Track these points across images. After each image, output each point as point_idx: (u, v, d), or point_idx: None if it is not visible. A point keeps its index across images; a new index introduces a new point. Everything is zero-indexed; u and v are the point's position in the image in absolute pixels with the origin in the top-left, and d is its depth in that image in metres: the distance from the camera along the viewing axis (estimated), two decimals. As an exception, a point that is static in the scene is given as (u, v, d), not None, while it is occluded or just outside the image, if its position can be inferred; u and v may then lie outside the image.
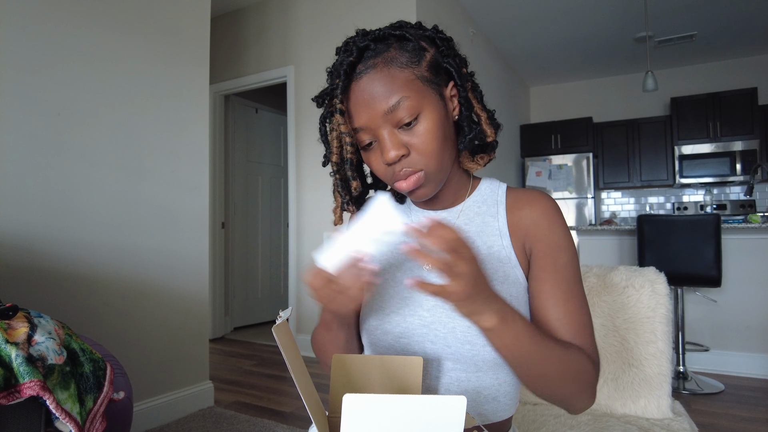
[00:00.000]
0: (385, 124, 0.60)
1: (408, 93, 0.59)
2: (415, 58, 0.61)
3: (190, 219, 2.24)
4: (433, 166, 0.62)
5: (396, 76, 0.60)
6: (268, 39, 3.69)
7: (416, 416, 0.37)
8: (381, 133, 0.61)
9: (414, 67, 0.61)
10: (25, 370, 0.83)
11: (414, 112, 0.60)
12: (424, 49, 0.62)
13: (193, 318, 2.24)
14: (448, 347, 0.63)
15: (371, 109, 0.60)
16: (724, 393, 2.51)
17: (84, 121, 1.83)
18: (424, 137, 0.60)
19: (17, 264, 1.60)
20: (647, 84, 3.77)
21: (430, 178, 0.63)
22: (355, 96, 0.61)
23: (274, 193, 4.70)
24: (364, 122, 0.61)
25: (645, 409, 1.04)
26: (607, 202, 5.69)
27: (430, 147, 0.61)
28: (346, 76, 0.61)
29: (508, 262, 0.66)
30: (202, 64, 2.34)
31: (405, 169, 0.62)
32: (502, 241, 0.67)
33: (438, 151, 0.61)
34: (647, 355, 1.05)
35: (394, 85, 0.59)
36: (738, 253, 2.80)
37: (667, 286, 1.07)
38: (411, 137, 0.61)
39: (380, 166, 0.64)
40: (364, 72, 0.61)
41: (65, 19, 1.76)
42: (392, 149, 0.60)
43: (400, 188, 0.63)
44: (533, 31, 4.39)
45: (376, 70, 0.60)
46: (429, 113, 0.61)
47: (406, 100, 0.59)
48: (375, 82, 0.60)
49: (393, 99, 0.59)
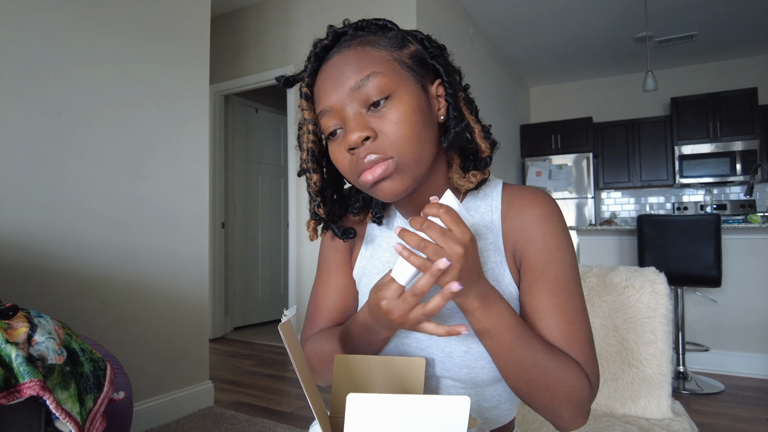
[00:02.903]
0: (352, 102, 0.53)
1: (380, 69, 0.53)
2: (396, 44, 0.57)
3: (190, 219, 2.24)
4: (407, 154, 0.53)
5: (370, 54, 0.54)
6: (268, 39, 3.69)
7: (420, 416, 0.37)
8: (346, 113, 0.54)
9: (393, 50, 0.56)
10: (25, 370, 0.83)
11: (384, 90, 0.53)
12: (407, 40, 0.58)
13: (193, 318, 2.24)
14: (447, 371, 0.61)
15: (338, 85, 0.54)
16: (724, 393, 2.51)
17: (84, 121, 1.83)
18: (395, 121, 0.52)
19: (17, 264, 1.60)
20: (647, 84, 3.77)
21: (402, 168, 0.53)
22: (324, 75, 0.56)
23: (274, 193, 4.70)
24: (329, 103, 0.55)
25: (645, 409, 1.04)
26: (607, 202, 5.69)
27: (402, 131, 0.52)
28: (316, 59, 0.57)
29: (501, 280, 0.61)
30: (202, 64, 2.34)
31: (370, 156, 0.52)
32: (497, 257, 0.61)
33: (412, 138, 0.53)
34: (647, 355, 1.05)
35: (367, 61, 0.54)
36: (738, 253, 2.80)
37: (667, 286, 1.07)
38: (381, 120, 0.53)
39: (344, 157, 0.55)
40: (337, 52, 0.56)
41: (65, 19, 1.76)
42: (356, 130, 0.52)
43: (364, 181, 0.54)
44: (533, 31, 4.39)
45: (349, 50, 0.55)
46: (404, 95, 0.54)
47: (377, 75, 0.53)
48: (346, 59, 0.54)
49: (363, 72, 0.53)
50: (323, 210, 0.63)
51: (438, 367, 0.61)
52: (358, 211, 0.66)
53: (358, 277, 0.71)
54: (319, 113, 0.57)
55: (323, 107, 0.56)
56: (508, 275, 0.61)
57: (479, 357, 0.59)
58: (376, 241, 0.70)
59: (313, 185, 0.61)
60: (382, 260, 0.68)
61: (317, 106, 0.57)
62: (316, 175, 0.61)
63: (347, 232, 0.66)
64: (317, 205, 0.63)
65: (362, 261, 0.70)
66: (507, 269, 0.61)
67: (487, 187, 0.65)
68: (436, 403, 0.37)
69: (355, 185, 0.58)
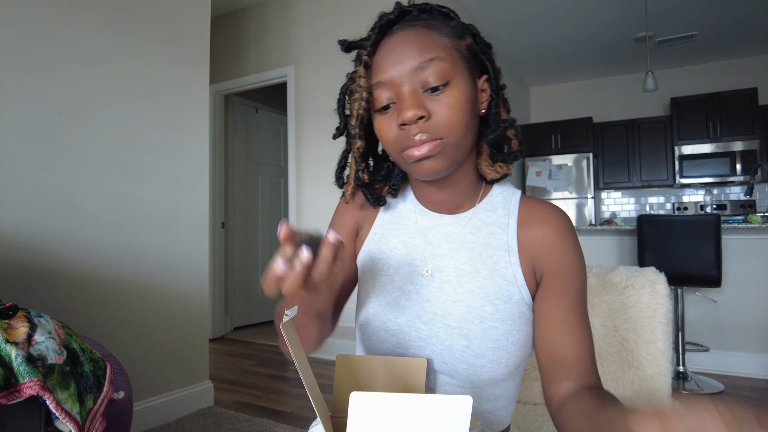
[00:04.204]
0: (411, 80, 0.56)
1: (442, 55, 0.56)
2: (456, 33, 0.59)
3: (190, 219, 2.24)
4: (454, 138, 0.56)
5: (434, 38, 0.56)
6: (268, 39, 3.69)
7: (422, 415, 0.37)
8: (403, 90, 0.56)
9: (453, 39, 0.58)
10: (25, 370, 0.83)
11: (445, 77, 0.55)
12: (465, 32, 0.60)
13: (193, 318, 2.24)
14: (445, 364, 0.61)
15: (399, 62, 0.56)
16: (724, 393, 2.51)
17: (84, 121, 1.83)
18: (449, 105, 0.55)
19: (17, 264, 1.60)
20: (647, 84, 3.77)
21: (447, 151, 0.56)
22: (386, 48, 0.58)
23: (274, 193, 4.70)
24: (387, 76, 0.57)
25: (645, 409, 1.04)
26: (607, 202, 5.69)
27: (453, 117, 0.55)
28: (380, 31, 0.58)
29: (513, 281, 0.61)
30: (202, 64, 2.34)
31: (421, 134, 0.55)
32: (510, 257, 0.62)
33: (460, 124, 0.56)
34: (647, 355, 1.05)
35: (430, 44, 0.56)
36: (738, 253, 2.80)
37: (667, 286, 1.07)
38: (435, 103, 0.55)
39: (392, 130, 0.57)
40: (401, 29, 0.58)
41: (65, 19, 1.76)
42: (412, 107, 0.54)
43: (410, 156, 0.57)
44: (533, 31, 4.39)
45: (414, 30, 0.57)
46: (459, 83, 0.56)
47: (439, 61, 0.55)
48: (410, 38, 0.56)
49: (427, 55, 0.55)
50: (367, 175, 0.65)
51: (436, 359, 0.61)
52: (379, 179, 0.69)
53: (363, 260, 0.70)
54: (374, 84, 0.58)
55: (381, 79, 0.57)
56: (521, 277, 0.62)
57: (479, 355, 0.59)
58: (385, 226, 0.70)
59: (356, 150, 0.63)
60: (390, 245, 0.68)
61: (374, 76, 0.58)
62: (360, 141, 0.62)
63: (380, 199, 0.68)
64: (362, 170, 0.64)
65: (369, 244, 0.70)
66: (521, 271, 0.62)
67: (506, 192, 0.67)
68: (439, 403, 0.37)
69: (394, 158, 0.60)
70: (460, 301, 0.61)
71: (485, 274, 0.62)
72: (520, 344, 0.61)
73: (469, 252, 0.63)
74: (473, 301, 0.61)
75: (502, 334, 0.59)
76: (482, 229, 0.65)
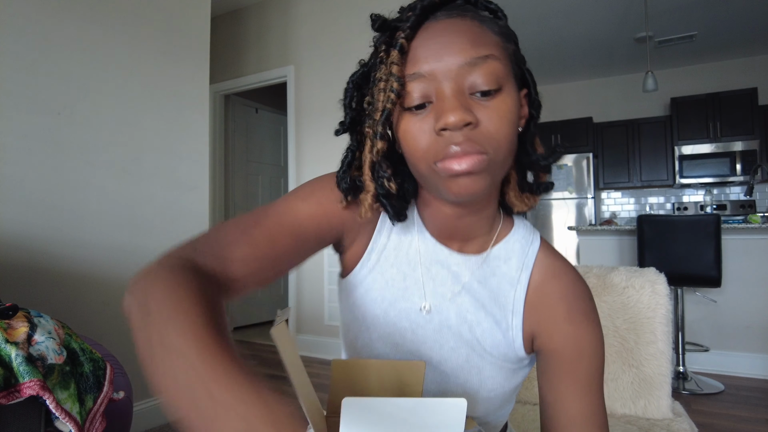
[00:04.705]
0: (457, 79, 0.46)
1: (498, 54, 0.47)
2: (506, 35, 0.50)
3: (190, 219, 2.24)
4: (500, 154, 0.47)
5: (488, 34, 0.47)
6: (268, 39, 3.69)
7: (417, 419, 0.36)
8: (445, 88, 0.46)
9: (504, 41, 0.49)
10: (25, 370, 0.83)
11: (498, 80, 0.46)
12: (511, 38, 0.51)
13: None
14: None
15: (446, 53, 0.46)
16: (724, 393, 2.51)
17: (84, 121, 1.82)
18: (501, 115, 0.46)
19: (17, 264, 1.60)
20: (647, 84, 3.77)
21: (491, 169, 0.47)
22: (429, 34, 0.47)
23: (274, 193, 4.70)
24: (428, 68, 0.46)
25: (645, 410, 1.04)
26: (607, 202, 5.69)
27: (504, 129, 0.46)
28: (422, 12, 0.48)
29: (512, 343, 0.56)
30: (202, 64, 2.34)
31: (466, 145, 0.45)
32: (513, 320, 0.56)
33: (508, 139, 0.47)
34: (647, 355, 1.05)
35: (485, 39, 0.47)
36: (738, 253, 2.80)
37: (667, 286, 1.07)
38: (484, 110, 0.46)
39: (425, 135, 0.47)
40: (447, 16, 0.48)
41: (65, 19, 1.76)
42: (458, 110, 0.44)
43: (446, 169, 0.46)
44: (533, 30, 4.39)
45: (464, 20, 0.47)
46: (511, 91, 0.48)
47: (495, 60, 0.46)
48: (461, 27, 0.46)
49: (481, 51, 0.46)
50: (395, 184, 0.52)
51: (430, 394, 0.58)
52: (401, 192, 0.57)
53: (354, 284, 0.60)
54: (409, 75, 0.47)
55: (418, 70, 0.47)
56: (519, 341, 0.56)
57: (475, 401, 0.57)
58: (383, 252, 0.59)
59: (376, 153, 0.50)
60: (386, 275, 0.58)
61: (409, 66, 0.47)
62: (382, 142, 0.50)
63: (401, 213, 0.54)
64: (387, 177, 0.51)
65: (363, 270, 0.59)
66: (521, 335, 0.56)
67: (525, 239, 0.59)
68: (433, 406, 0.37)
69: (420, 169, 0.49)
70: (458, 350, 0.57)
71: (486, 327, 0.56)
72: (515, 386, 0.59)
73: (474, 301, 0.57)
74: (471, 353, 0.56)
75: (499, 383, 0.57)
76: (491, 280, 0.57)
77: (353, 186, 0.53)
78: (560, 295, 0.55)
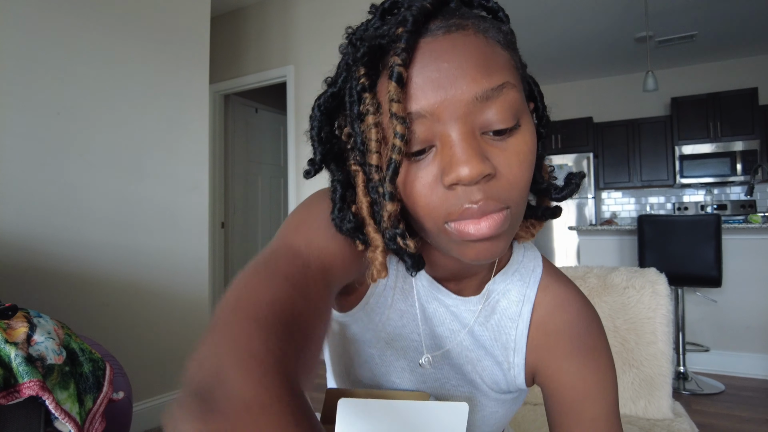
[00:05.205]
0: (467, 118, 0.36)
1: (513, 80, 0.37)
2: (512, 43, 0.41)
3: (189, 219, 2.24)
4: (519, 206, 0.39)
5: (497, 52, 0.37)
6: (268, 39, 3.69)
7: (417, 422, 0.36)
8: (452, 131, 0.36)
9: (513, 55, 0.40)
10: (25, 370, 0.82)
11: (515, 116, 0.37)
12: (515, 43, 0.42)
13: (193, 318, 2.23)
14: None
15: (451, 86, 0.35)
16: (724, 393, 2.51)
17: (84, 120, 1.82)
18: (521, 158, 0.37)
19: (17, 264, 1.60)
20: (647, 84, 3.76)
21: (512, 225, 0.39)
22: (425, 59, 0.36)
23: (274, 193, 4.69)
24: (429, 105, 0.36)
25: (645, 410, 1.04)
26: (608, 202, 5.69)
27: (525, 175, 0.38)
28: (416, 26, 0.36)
29: (513, 381, 0.53)
30: (202, 63, 2.34)
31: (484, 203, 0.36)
32: (515, 358, 0.52)
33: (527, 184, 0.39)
34: (648, 355, 1.05)
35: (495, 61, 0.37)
36: (738, 253, 2.80)
37: (668, 286, 1.07)
38: (501, 154, 0.37)
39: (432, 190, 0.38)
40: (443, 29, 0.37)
41: (65, 19, 1.76)
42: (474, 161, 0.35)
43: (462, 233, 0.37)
44: (533, 30, 4.39)
45: (464, 34, 0.37)
46: (528, 123, 0.39)
47: (512, 89, 0.37)
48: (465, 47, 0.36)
49: (494, 80, 0.36)
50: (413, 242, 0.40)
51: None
52: None
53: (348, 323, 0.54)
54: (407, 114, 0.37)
55: (418, 109, 0.36)
56: (522, 379, 0.52)
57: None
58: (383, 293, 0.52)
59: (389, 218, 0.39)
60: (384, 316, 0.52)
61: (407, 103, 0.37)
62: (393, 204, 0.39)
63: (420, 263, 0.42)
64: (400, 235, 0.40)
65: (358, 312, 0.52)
66: (522, 374, 0.52)
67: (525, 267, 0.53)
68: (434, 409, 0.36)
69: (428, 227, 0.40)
70: (460, 387, 0.54)
71: (486, 365, 0.53)
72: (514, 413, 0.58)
73: (474, 340, 0.53)
74: (474, 391, 0.54)
75: (501, 416, 0.55)
76: (492, 318, 0.52)
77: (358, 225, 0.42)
78: (565, 330, 0.50)
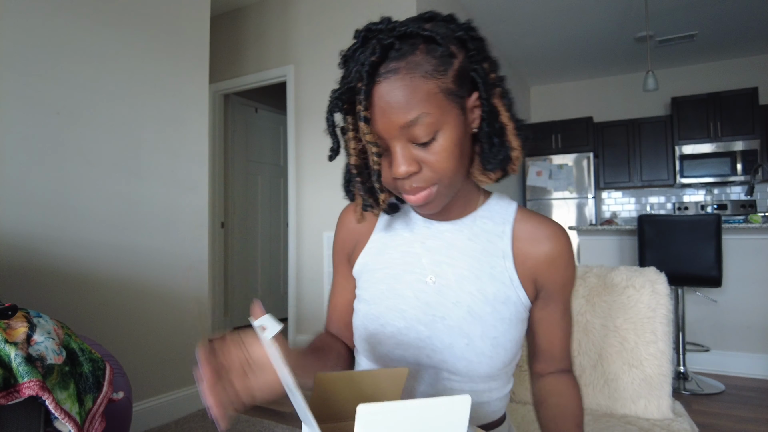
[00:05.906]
0: (400, 136, 0.55)
1: (429, 109, 0.54)
2: (442, 66, 0.55)
3: (189, 219, 2.24)
4: (446, 181, 0.58)
5: (418, 88, 0.53)
6: (268, 39, 3.69)
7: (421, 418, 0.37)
8: (394, 144, 0.56)
9: (439, 78, 0.55)
10: (24, 370, 0.82)
11: (432, 130, 0.55)
12: (452, 55, 0.56)
13: (192, 318, 2.23)
14: (445, 362, 0.63)
15: (387, 119, 0.54)
16: (724, 393, 2.51)
17: (83, 120, 1.82)
18: (439, 155, 0.56)
19: (17, 264, 1.60)
20: (648, 84, 3.76)
21: (441, 192, 0.59)
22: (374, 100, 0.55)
23: (274, 193, 4.69)
24: (379, 129, 0.56)
25: (645, 410, 1.04)
26: (608, 201, 5.69)
27: (444, 165, 0.56)
28: (369, 79, 0.54)
29: (510, 284, 0.65)
30: (202, 63, 2.34)
31: (414, 184, 0.58)
32: (505, 262, 0.65)
33: (452, 168, 0.57)
34: (647, 355, 1.05)
35: (415, 97, 0.53)
36: (738, 253, 2.80)
37: (668, 286, 1.07)
38: (426, 154, 0.56)
39: (389, 178, 0.59)
40: (385, 76, 0.54)
41: (65, 19, 1.76)
42: (403, 164, 0.56)
43: (408, 200, 0.60)
44: (533, 30, 4.39)
45: (397, 77, 0.53)
46: (448, 131, 0.56)
47: (426, 117, 0.54)
48: (395, 90, 0.53)
49: (412, 113, 0.53)
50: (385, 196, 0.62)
51: (436, 357, 0.64)
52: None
53: (359, 273, 0.73)
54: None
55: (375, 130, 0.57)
56: (517, 279, 0.65)
57: (479, 353, 0.62)
58: (382, 240, 0.72)
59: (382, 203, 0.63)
60: (387, 256, 0.70)
61: None
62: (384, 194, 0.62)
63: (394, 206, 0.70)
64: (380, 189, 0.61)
65: (364, 257, 0.72)
66: (516, 275, 0.65)
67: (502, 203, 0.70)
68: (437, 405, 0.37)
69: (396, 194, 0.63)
70: (460, 303, 0.64)
71: (484, 279, 0.65)
72: (515, 341, 0.65)
73: (469, 258, 0.66)
74: (473, 303, 0.63)
75: (501, 332, 0.63)
76: (480, 236, 0.67)
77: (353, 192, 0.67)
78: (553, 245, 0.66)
